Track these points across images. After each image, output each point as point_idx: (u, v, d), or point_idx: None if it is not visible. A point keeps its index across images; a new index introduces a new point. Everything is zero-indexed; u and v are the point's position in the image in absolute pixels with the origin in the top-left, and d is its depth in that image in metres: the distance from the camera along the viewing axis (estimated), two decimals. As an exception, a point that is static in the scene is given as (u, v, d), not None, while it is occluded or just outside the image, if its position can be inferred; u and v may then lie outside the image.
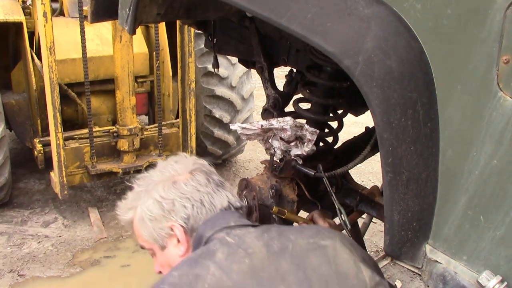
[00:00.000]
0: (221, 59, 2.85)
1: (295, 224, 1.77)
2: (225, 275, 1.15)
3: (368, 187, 2.02)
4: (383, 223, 1.21)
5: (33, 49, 4.17)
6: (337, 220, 1.81)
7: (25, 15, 4.15)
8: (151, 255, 1.44)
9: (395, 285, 1.74)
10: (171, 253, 1.37)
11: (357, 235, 2.48)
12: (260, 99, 6.12)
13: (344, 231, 1.82)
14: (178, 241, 1.35)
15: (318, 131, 1.70)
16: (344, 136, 2.16)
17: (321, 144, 1.96)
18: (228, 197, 1.39)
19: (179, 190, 1.35)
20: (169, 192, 1.35)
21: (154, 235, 1.36)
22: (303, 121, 1.83)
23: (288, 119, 1.65)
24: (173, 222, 1.34)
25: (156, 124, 4.19)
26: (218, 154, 4.74)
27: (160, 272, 1.43)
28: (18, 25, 4.10)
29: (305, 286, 1.17)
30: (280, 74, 2.49)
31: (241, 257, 1.20)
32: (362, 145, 1.67)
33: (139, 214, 1.39)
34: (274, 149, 1.74)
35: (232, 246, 1.23)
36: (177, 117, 4.48)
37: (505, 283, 1.01)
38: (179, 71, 4.10)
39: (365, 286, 1.23)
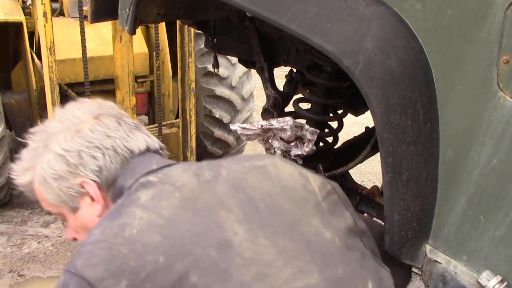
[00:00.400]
0: (221, 59, 2.85)
1: None
2: (155, 215, 1.00)
3: (368, 187, 2.02)
4: (383, 223, 1.21)
5: (33, 49, 4.17)
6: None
7: (25, 15, 4.15)
8: (61, 220, 1.22)
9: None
10: (86, 214, 1.17)
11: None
12: (260, 99, 6.12)
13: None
14: (92, 199, 1.16)
15: (318, 131, 1.70)
16: (344, 136, 2.16)
17: (321, 144, 1.96)
18: (146, 140, 1.20)
19: (85, 138, 1.14)
20: (73, 142, 1.13)
21: (62, 197, 1.15)
22: (303, 121, 1.83)
23: (288, 119, 1.65)
24: (83, 177, 1.13)
25: (156, 124, 4.19)
26: (218, 154, 4.73)
27: (74, 239, 1.26)
28: (18, 25, 4.09)
29: (249, 207, 1.05)
30: (280, 74, 2.48)
31: (169, 192, 1.05)
32: (362, 145, 1.67)
33: (39, 174, 1.16)
34: (274, 149, 1.74)
35: (157, 184, 1.07)
36: (177, 117, 4.48)
37: (505, 283, 1.01)
38: (179, 71, 4.09)
39: (315, 196, 1.12)
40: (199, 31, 2.54)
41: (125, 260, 0.94)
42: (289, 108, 2.00)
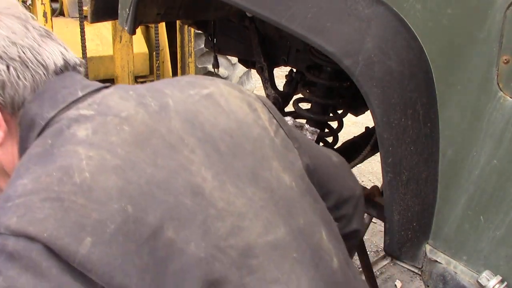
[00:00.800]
0: (221, 59, 2.86)
1: None
2: (107, 152, 0.79)
3: (368, 187, 2.02)
4: (383, 223, 1.21)
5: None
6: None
7: (25, 15, 4.14)
8: None
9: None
10: None
11: (357, 235, 2.48)
12: (260, 99, 6.12)
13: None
14: None
15: (318, 130, 1.70)
16: (344, 136, 2.16)
17: (321, 144, 1.96)
18: (62, 52, 0.95)
19: None
20: None
21: None
22: (303, 121, 1.83)
23: (288, 118, 1.65)
24: None
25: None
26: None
27: None
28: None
29: (210, 148, 0.89)
30: (280, 74, 2.49)
31: (116, 125, 0.83)
32: (362, 145, 1.67)
33: None
34: (274, 149, 1.74)
35: (95, 117, 0.84)
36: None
37: (505, 283, 1.01)
38: (179, 71, 4.10)
39: (268, 133, 1.00)
40: (199, 31, 2.54)
41: (84, 213, 0.73)
42: (289, 108, 2.00)
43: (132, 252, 0.73)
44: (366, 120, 1.89)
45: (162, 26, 4.23)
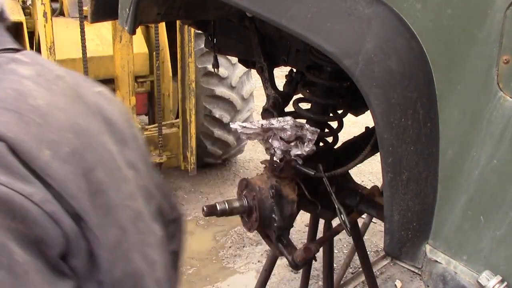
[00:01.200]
0: (221, 59, 2.86)
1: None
2: (53, 96, 0.83)
3: (368, 187, 2.02)
4: (383, 223, 1.21)
5: (33, 49, 4.17)
6: (337, 220, 1.81)
7: (25, 15, 4.15)
8: None
9: None
10: None
11: (357, 235, 2.48)
12: (260, 99, 6.12)
13: (344, 231, 1.83)
14: None
15: (318, 130, 1.70)
16: (344, 136, 2.16)
17: (321, 144, 1.96)
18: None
19: None
20: None
21: None
22: (303, 121, 1.83)
23: (289, 118, 1.65)
24: None
25: (156, 124, 4.19)
26: (218, 154, 4.73)
27: None
28: (18, 25, 4.10)
29: (109, 130, 0.96)
30: (280, 74, 2.48)
31: (54, 78, 0.88)
32: (362, 145, 1.67)
33: None
34: (274, 149, 1.74)
35: (33, 64, 0.87)
36: (177, 117, 4.48)
37: (505, 283, 1.01)
38: (179, 71, 4.10)
39: (139, 143, 1.10)
40: (199, 31, 2.54)
41: (42, 131, 0.75)
42: (289, 108, 2.00)
43: (80, 176, 0.80)
44: (366, 120, 1.89)
45: (162, 26, 4.23)
